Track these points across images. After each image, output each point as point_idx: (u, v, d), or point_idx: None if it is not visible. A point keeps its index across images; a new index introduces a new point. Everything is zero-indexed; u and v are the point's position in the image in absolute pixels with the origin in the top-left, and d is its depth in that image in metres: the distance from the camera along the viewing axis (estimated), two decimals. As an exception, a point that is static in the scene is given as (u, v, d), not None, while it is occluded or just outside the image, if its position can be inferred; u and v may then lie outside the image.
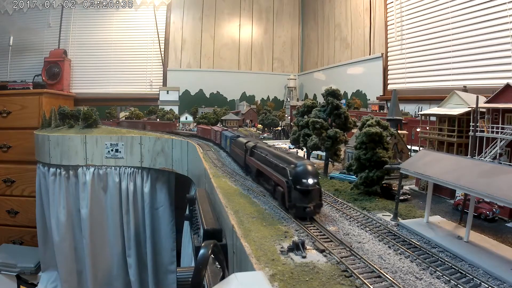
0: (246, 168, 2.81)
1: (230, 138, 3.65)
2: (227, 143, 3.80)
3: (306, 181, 1.71)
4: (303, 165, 1.78)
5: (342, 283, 1.14)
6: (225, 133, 4.12)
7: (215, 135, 4.56)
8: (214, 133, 4.63)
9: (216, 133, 4.50)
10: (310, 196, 1.72)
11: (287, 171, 1.82)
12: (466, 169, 1.54)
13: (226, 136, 3.90)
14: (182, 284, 1.48)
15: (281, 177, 1.87)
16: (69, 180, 4.99)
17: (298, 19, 9.24)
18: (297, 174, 1.75)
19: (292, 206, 1.72)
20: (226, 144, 3.91)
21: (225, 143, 3.99)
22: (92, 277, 5.06)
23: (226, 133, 4.03)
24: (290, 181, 1.76)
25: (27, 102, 6.20)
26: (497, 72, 3.83)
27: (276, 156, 2.13)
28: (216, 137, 4.54)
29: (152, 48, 8.05)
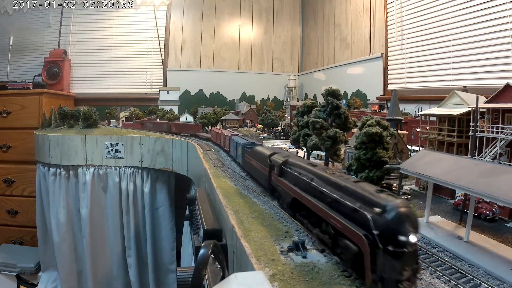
0: (271, 191, 2.10)
1: (243, 146, 2.90)
2: (238, 151, 3.09)
3: (406, 239, 1.01)
4: (397, 208, 1.06)
5: (342, 283, 1.14)
6: (235, 139, 3.31)
7: (224, 141, 3.88)
8: (223, 138, 3.99)
9: (225, 138, 3.79)
10: (407, 261, 1.03)
11: (369, 218, 1.09)
12: (466, 169, 1.54)
13: (237, 144, 3.14)
14: (182, 284, 1.48)
15: (354, 226, 1.14)
16: (69, 180, 4.99)
17: (298, 19, 9.24)
18: (389, 225, 1.04)
19: (379, 278, 1.03)
20: (236, 153, 3.17)
21: (235, 152, 3.25)
22: (92, 277, 5.06)
23: (237, 140, 3.22)
24: (376, 237, 1.04)
25: (27, 102, 6.20)
26: (497, 72, 3.82)
27: (335, 185, 1.38)
28: (225, 142, 3.85)
29: (152, 48, 8.05)
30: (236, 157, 3.16)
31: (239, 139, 3.22)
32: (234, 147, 3.25)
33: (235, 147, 3.20)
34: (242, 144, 2.95)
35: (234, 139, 3.33)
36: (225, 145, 3.81)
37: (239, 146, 3.06)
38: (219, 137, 4.24)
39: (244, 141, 3.05)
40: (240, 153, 2.99)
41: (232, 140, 3.38)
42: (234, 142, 3.25)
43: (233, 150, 3.33)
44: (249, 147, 2.79)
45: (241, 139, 3.22)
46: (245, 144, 2.92)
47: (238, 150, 3.06)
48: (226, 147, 3.75)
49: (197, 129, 5.26)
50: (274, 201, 2.02)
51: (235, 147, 3.20)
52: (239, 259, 1.51)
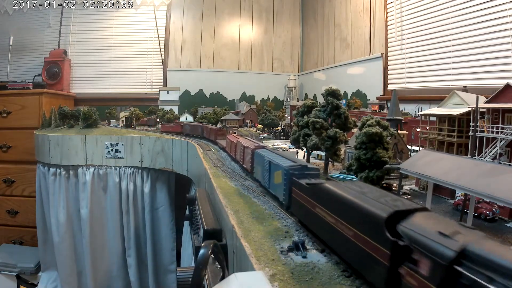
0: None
1: (290, 175, 1.69)
2: (275, 178, 1.91)
3: None
4: None
5: (342, 283, 1.14)
6: (266, 156, 2.12)
7: (242, 154, 2.81)
8: (240, 150, 2.90)
9: (245, 151, 2.70)
10: None
11: None
12: (466, 169, 1.54)
13: (274, 166, 1.94)
14: (182, 284, 1.48)
15: None
16: (69, 180, 4.99)
17: (298, 19, 9.24)
18: None
19: None
20: (269, 180, 2.03)
21: (265, 176, 2.09)
22: (92, 277, 5.05)
23: (272, 159, 2.00)
24: None
25: (27, 102, 6.20)
26: (497, 72, 3.82)
27: None
28: (243, 157, 2.77)
29: (152, 48, 8.04)
30: (270, 186, 2.02)
31: (276, 158, 1.98)
32: (265, 168, 2.10)
33: (268, 169, 2.03)
34: (287, 169, 1.71)
35: (264, 156, 2.14)
36: (243, 161, 2.74)
37: (277, 170, 1.87)
38: (234, 147, 3.19)
39: (289, 163, 1.78)
40: (281, 182, 1.78)
41: (260, 157, 2.23)
42: (264, 160, 2.10)
43: (262, 173, 2.18)
44: (310, 182, 1.51)
45: (280, 158, 1.96)
46: (295, 171, 1.68)
47: (276, 176, 1.88)
48: (246, 164, 2.64)
49: (221, 135, 4.35)
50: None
51: (268, 170, 2.04)
52: (239, 259, 1.51)
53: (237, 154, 3.04)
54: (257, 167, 2.37)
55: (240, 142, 2.97)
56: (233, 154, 3.27)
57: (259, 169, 2.32)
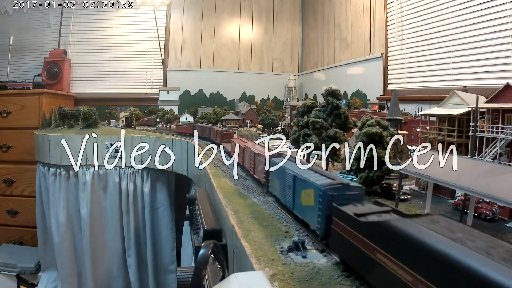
0: None
1: (328, 196, 1.28)
2: (306, 200, 1.47)
3: None
4: None
5: (342, 283, 1.14)
6: (287, 166, 1.72)
7: (252, 163, 2.38)
8: (249, 156, 2.50)
9: (257, 158, 2.23)
10: None
11: None
12: (466, 169, 1.54)
13: (304, 183, 1.48)
14: (182, 284, 1.48)
15: None
16: (69, 180, 4.99)
17: (298, 19, 9.24)
18: None
19: None
20: (290, 198, 1.65)
21: (288, 193, 1.68)
22: (92, 277, 5.06)
23: (298, 172, 1.58)
24: None
25: (27, 102, 6.20)
26: (497, 72, 3.82)
27: None
28: (253, 166, 2.34)
29: (152, 48, 8.04)
30: (295, 206, 1.58)
31: (303, 171, 1.55)
32: (287, 183, 1.66)
33: (292, 185, 1.59)
34: (323, 190, 1.30)
35: (285, 168, 1.70)
36: (255, 171, 2.33)
37: (306, 188, 1.45)
38: (242, 153, 2.74)
39: (324, 180, 1.38)
40: (314, 206, 1.37)
41: (279, 168, 1.76)
42: (286, 173, 1.66)
43: (282, 188, 1.74)
44: (364, 214, 1.10)
45: (309, 172, 1.54)
46: (334, 192, 1.28)
47: (305, 196, 1.46)
48: (258, 174, 2.22)
49: (227, 137, 3.96)
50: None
51: (291, 186, 1.60)
52: (239, 259, 1.51)
53: (246, 162, 2.55)
54: (275, 180, 1.92)
55: (249, 148, 2.47)
56: (240, 161, 2.76)
57: (277, 182, 1.86)
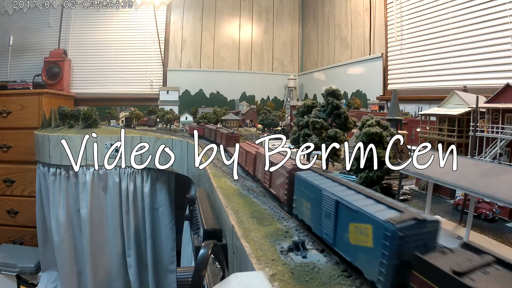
0: None
1: (398, 238, 0.91)
2: (357, 237, 1.07)
3: None
4: None
5: (342, 283, 1.14)
6: (324, 186, 1.31)
7: (265, 171, 2.02)
8: (261, 167, 2.13)
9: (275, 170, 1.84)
10: None
11: None
12: (466, 169, 1.54)
13: (356, 214, 1.07)
14: (182, 284, 1.48)
15: None
16: (69, 180, 4.99)
17: (298, 19, 9.24)
18: None
19: None
20: (330, 229, 1.23)
21: (326, 223, 1.26)
22: (92, 277, 5.06)
23: (343, 196, 1.18)
24: None
25: (27, 102, 6.20)
26: (497, 72, 3.82)
27: None
28: (268, 178, 1.98)
29: (152, 48, 8.04)
30: (338, 243, 1.20)
31: (348, 195, 1.20)
32: (323, 209, 1.28)
33: (333, 214, 1.21)
34: (391, 229, 0.92)
35: (321, 188, 1.32)
36: (271, 184, 1.95)
37: (358, 221, 1.07)
38: (252, 161, 2.39)
39: (386, 211, 1.03)
40: (373, 248, 1.00)
41: (310, 187, 1.41)
42: (322, 195, 1.29)
43: (314, 214, 1.37)
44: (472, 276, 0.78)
45: (357, 197, 1.18)
46: (406, 231, 0.92)
47: (355, 232, 1.09)
48: (276, 190, 1.86)
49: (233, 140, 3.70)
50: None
51: (332, 215, 1.22)
52: (239, 259, 1.51)
53: (258, 172, 2.18)
54: (302, 201, 1.50)
55: (262, 155, 2.01)
56: (251, 171, 2.39)
57: (306, 205, 1.44)
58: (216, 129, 4.31)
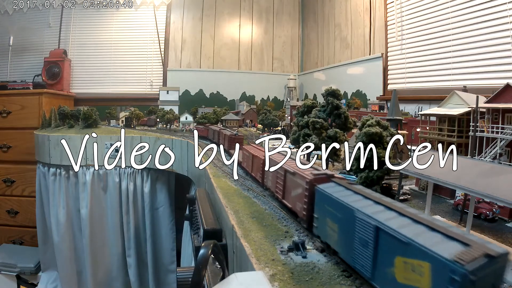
0: None
1: (469, 282, 0.69)
2: (407, 274, 0.84)
3: None
4: None
5: (342, 283, 1.14)
6: (356, 206, 1.07)
7: (278, 180, 1.80)
8: (276, 174, 1.84)
9: (292, 180, 1.61)
10: None
11: None
12: (466, 169, 1.54)
13: (405, 246, 0.84)
14: (182, 284, 1.48)
15: None
16: (69, 180, 4.99)
17: (298, 19, 9.24)
18: None
19: None
20: (367, 260, 0.99)
21: (361, 252, 1.02)
22: (92, 277, 5.06)
23: (383, 221, 0.94)
24: None
25: (27, 102, 6.20)
26: (497, 72, 3.82)
27: None
28: (282, 187, 1.75)
29: (152, 48, 8.04)
30: (378, 277, 0.96)
31: (390, 219, 0.95)
32: (357, 234, 1.05)
33: (372, 241, 0.97)
34: (460, 272, 0.71)
35: (352, 208, 1.08)
36: (284, 195, 1.72)
37: (410, 256, 0.84)
38: (260, 167, 2.20)
39: (459, 248, 0.78)
40: None
41: (337, 205, 1.18)
42: (355, 218, 1.06)
43: (345, 239, 1.14)
44: None
45: (402, 221, 0.94)
46: (478, 272, 0.71)
47: (403, 269, 0.86)
48: (292, 203, 1.62)
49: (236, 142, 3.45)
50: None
51: (371, 243, 0.98)
52: (239, 259, 1.51)
53: (268, 180, 1.97)
54: (325, 220, 1.26)
55: (273, 161, 1.78)
56: (258, 177, 2.21)
57: (332, 226, 1.22)
58: (219, 130, 4.10)
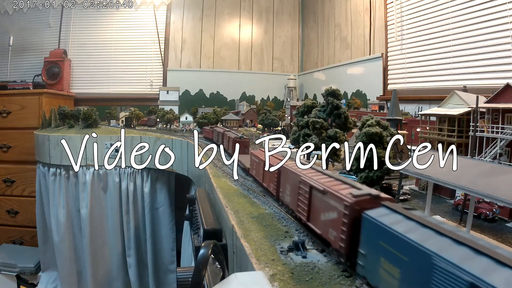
0: None
1: None
2: None
3: None
4: None
5: (342, 283, 1.14)
6: (427, 246, 0.76)
7: (302, 198, 1.42)
8: (299, 189, 1.44)
9: (324, 201, 1.21)
10: None
11: None
12: (466, 169, 1.54)
13: None
14: (182, 284, 1.48)
15: None
16: (69, 180, 4.99)
17: (298, 19, 9.24)
18: None
19: None
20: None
21: None
22: (92, 277, 5.06)
23: (472, 270, 0.63)
24: None
25: (27, 102, 6.20)
26: (497, 72, 3.82)
27: None
28: (306, 206, 1.37)
29: (152, 48, 8.04)
30: None
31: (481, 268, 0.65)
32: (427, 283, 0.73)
33: None
34: None
35: (424, 249, 0.77)
36: (310, 218, 1.39)
37: None
38: (274, 180, 1.82)
39: None
40: None
41: (398, 242, 0.85)
42: (434, 267, 0.73)
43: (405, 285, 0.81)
44: None
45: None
46: None
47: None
48: (319, 224, 1.30)
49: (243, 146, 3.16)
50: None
51: None
52: (239, 259, 1.51)
53: (285, 194, 1.61)
54: (378, 260, 0.96)
55: (293, 174, 1.46)
56: (272, 189, 1.81)
57: (389, 269, 0.91)
58: (224, 132, 3.72)
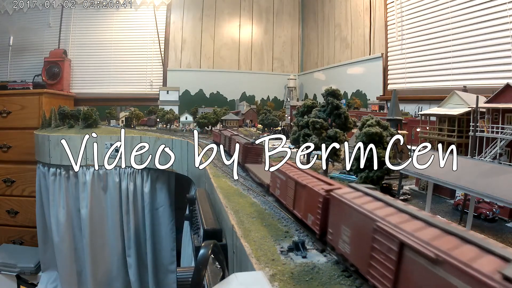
0: None
1: None
2: None
3: None
4: None
5: (342, 283, 1.14)
6: None
7: (366, 243, 0.94)
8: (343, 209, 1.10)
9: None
10: None
11: None
12: (466, 169, 1.54)
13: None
14: (182, 284, 1.48)
15: None
16: (69, 180, 4.99)
17: (298, 19, 9.24)
18: None
19: None
20: None
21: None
22: (92, 277, 5.06)
23: None
24: None
25: (27, 102, 6.20)
26: (497, 72, 3.82)
27: None
28: (366, 249, 0.94)
29: (152, 48, 8.05)
30: None
31: None
32: None
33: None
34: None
35: None
36: (366, 263, 0.95)
37: None
38: (317, 207, 1.32)
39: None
40: None
41: None
42: None
43: None
44: None
45: None
46: None
47: None
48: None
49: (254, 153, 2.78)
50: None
51: None
52: (239, 259, 1.51)
53: (341, 238, 1.14)
54: None
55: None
56: (311, 223, 1.41)
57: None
58: (231, 137, 3.26)
